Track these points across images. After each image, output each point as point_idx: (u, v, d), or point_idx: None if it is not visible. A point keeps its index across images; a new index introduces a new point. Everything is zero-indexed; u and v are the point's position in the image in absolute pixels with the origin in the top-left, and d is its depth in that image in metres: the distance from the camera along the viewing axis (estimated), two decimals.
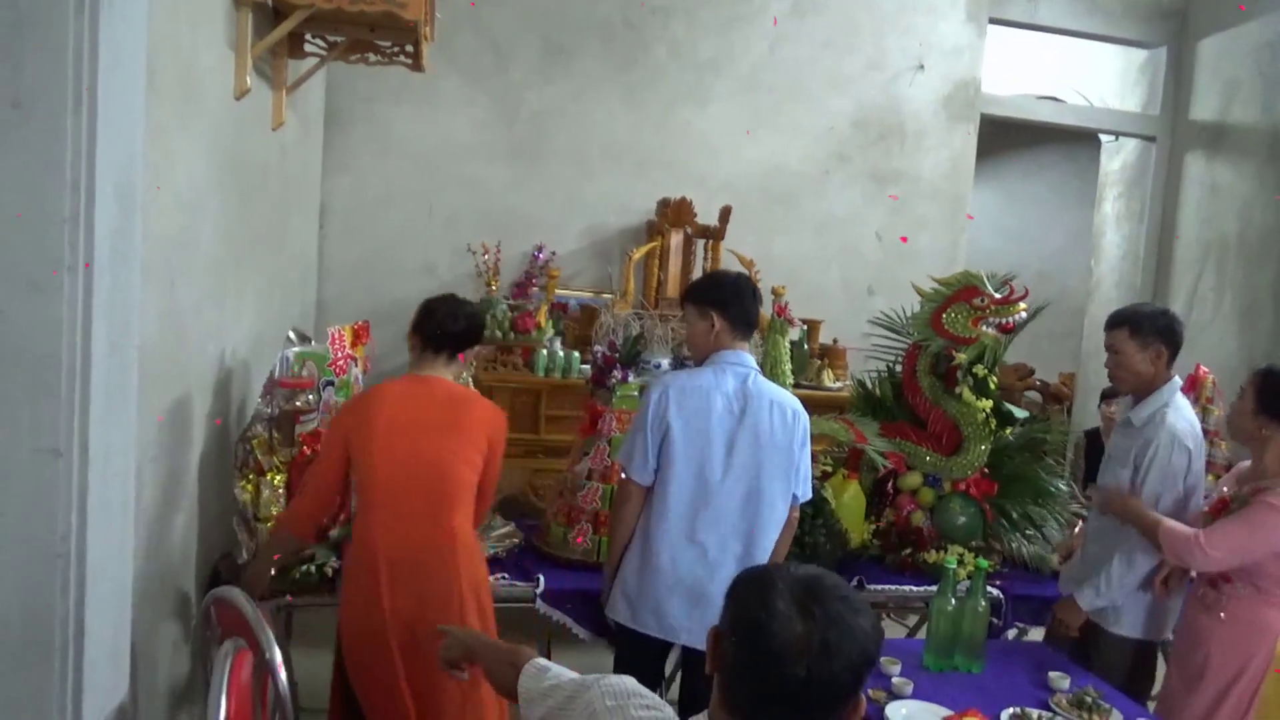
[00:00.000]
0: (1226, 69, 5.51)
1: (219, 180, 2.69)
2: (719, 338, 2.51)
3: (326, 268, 4.76)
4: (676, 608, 2.46)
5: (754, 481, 2.47)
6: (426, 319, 2.47)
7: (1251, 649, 2.40)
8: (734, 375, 2.49)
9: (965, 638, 2.42)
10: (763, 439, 2.46)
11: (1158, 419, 2.63)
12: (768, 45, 5.19)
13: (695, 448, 2.44)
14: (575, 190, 4.98)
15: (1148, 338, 2.67)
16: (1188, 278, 5.69)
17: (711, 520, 2.46)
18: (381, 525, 2.32)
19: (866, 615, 1.18)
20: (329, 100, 4.68)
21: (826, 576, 1.21)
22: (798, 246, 5.23)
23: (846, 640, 1.13)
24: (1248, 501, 2.38)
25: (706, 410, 2.44)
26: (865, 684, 1.18)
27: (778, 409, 2.48)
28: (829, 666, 1.12)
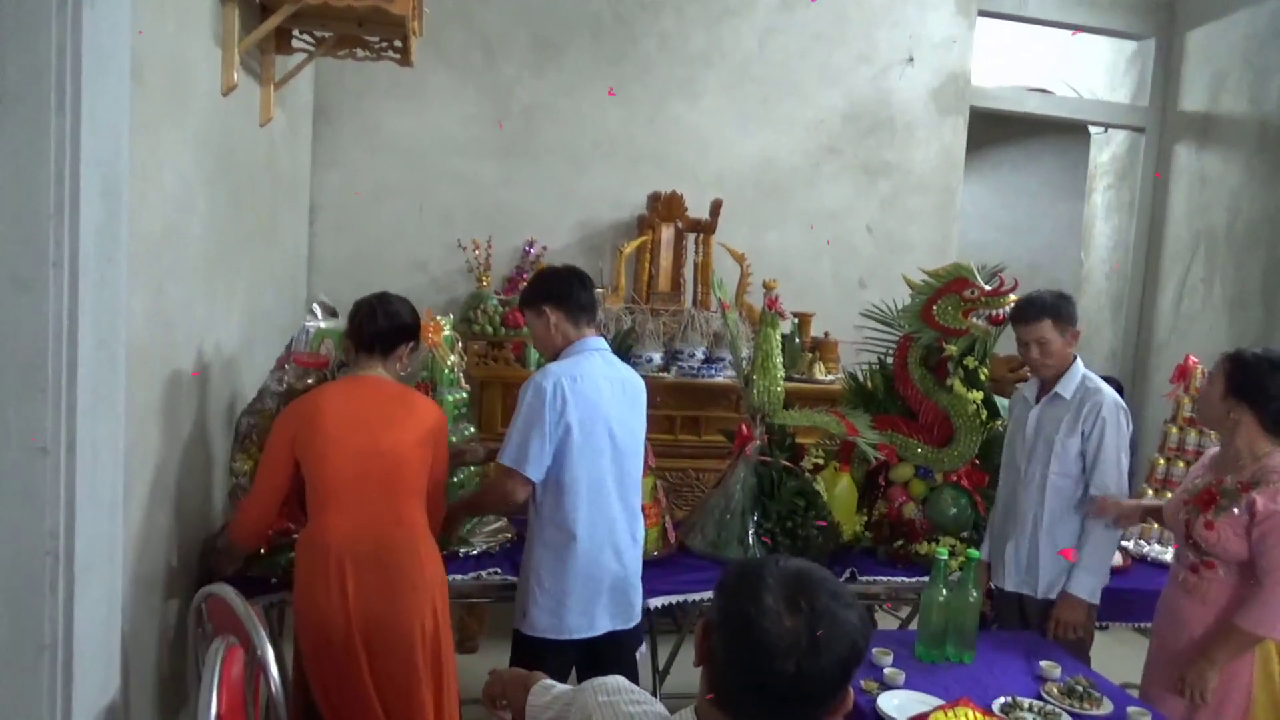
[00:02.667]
0: (1215, 60, 5.53)
1: (207, 177, 2.68)
2: (561, 330, 2.53)
3: (317, 264, 4.75)
4: (602, 602, 2.48)
5: (635, 461, 2.57)
6: (351, 320, 2.51)
7: None
8: (606, 360, 2.54)
9: (957, 628, 2.43)
10: (634, 420, 2.56)
11: (1089, 386, 2.85)
12: (758, 39, 5.19)
13: (594, 436, 2.45)
14: (566, 185, 4.97)
15: (1065, 324, 2.86)
16: (1177, 268, 5.72)
17: (620, 506, 2.51)
18: (339, 523, 2.28)
19: (855, 609, 1.18)
20: (317, 96, 4.67)
21: (815, 570, 1.21)
22: (789, 240, 5.23)
23: (835, 635, 1.14)
24: (1237, 495, 2.37)
25: (600, 399, 2.46)
26: (854, 677, 1.19)
27: (631, 387, 2.57)
28: (818, 661, 1.13)
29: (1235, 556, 2.37)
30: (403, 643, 2.22)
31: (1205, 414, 2.60)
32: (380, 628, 2.22)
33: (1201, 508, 2.42)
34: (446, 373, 3.06)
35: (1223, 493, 2.40)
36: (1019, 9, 5.64)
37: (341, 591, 2.23)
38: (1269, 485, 2.33)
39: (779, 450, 3.24)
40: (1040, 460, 2.87)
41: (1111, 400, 2.83)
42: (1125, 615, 3.30)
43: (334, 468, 2.31)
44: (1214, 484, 2.45)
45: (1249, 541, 2.34)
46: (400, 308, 2.53)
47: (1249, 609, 2.32)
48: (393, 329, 2.48)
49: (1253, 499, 2.33)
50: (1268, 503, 2.31)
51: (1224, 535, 2.36)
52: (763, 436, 3.19)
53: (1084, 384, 2.87)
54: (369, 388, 2.43)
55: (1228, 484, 2.41)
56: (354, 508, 2.30)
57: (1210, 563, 2.42)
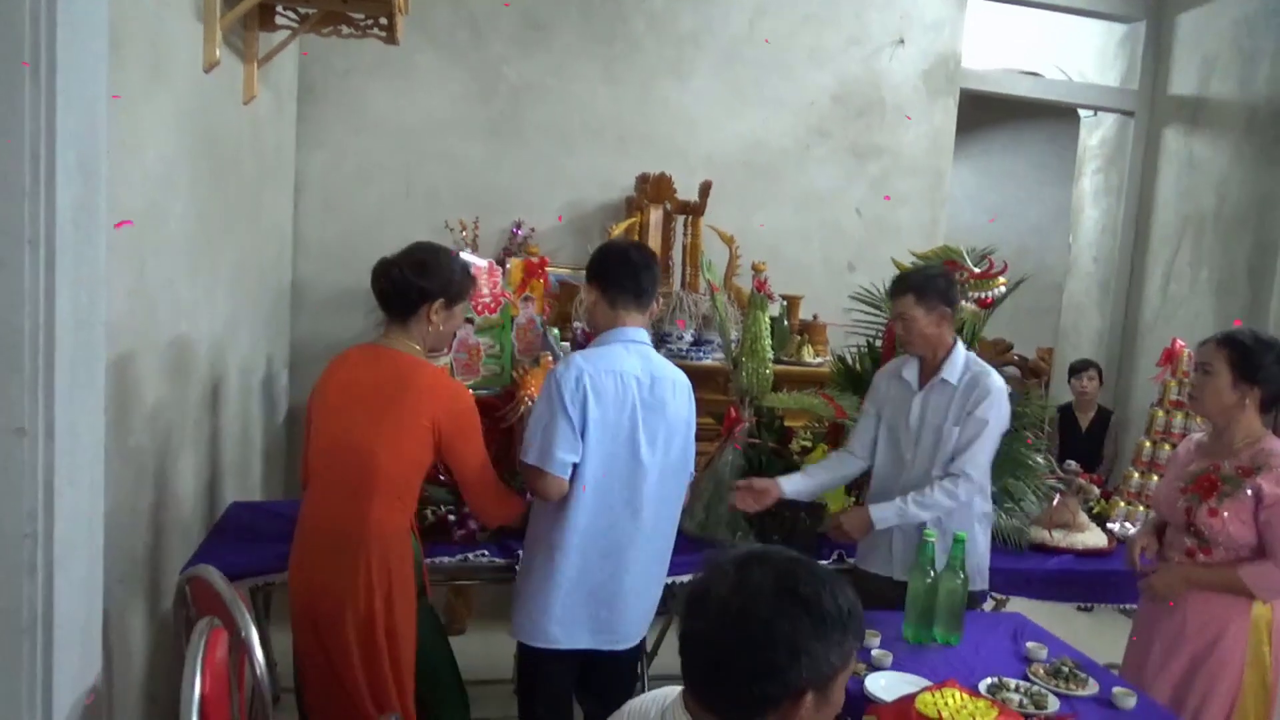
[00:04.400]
0: (1204, 44, 5.53)
1: (189, 155, 2.65)
2: (599, 311, 2.36)
3: (302, 245, 4.70)
4: (581, 616, 2.33)
5: (666, 465, 2.36)
6: (371, 279, 2.27)
7: (1227, 615, 2.42)
8: (638, 353, 2.33)
9: (944, 610, 2.43)
10: (671, 420, 2.35)
11: (976, 370, 2.75)
12: (748, 19, 5.15)
13: (612, 436, 2.27)
14: (554, 166, 4.93)
15: (931, 302, 2.72)
16: (1165, 252, 5.73)
17: (631, 521, 2.32)
18: (309, 502, 2.24)
19: (807, 604, 1.14)
20: (302, 74, 4.61)
21: (779, 556, 1.21)
22: (778, 222, 5.21)
23: (753, 611, 1.13)
24: (1240, 481, 2.38)
25: (623, 393, 2.27)
26: (791, 676, 1.13)
27: (680, 388, 2.39)
28: (727, 631, 1.13)
29: (1239, 541, 2.38)
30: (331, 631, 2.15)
31: (1213, 404, 2.48)
32: (315, 612, 2.17)
33: (1203, 495, 2.42)
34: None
35: (1224, 479, 2.40)
36: None
37: (296, 568, 2.22)
38: (1272, 470, 2.35)
39: (767, 433, 3.24)
40: (927, 450, 2.75)
41: (1000, 384, 2.74)
42: (1110, 596, 3.33)
43: (314, 450, 2.24)
44: (1212, 470, 2.44)
45: (1255, 526, 2.36)
46: (422, 259, 2.23)
47: (1258, 567, 2.36)
48: (401, 288, 2.20)
49: (1258, 484, 2.34)
50: (1273, 487, 2.33)
51: (1229, 522, 2.37)
52: (751, 419, 3.18)
53: (969, 368, 2.76)
54: (373, 363, 2.21)
55: (1226, 470, 2.42)
56: (321, 491, 2.21)
57: (1208, 548, 2.43)
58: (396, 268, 2.23)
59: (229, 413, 3.31)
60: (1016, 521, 3.31)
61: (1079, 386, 5.22)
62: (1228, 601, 2.42)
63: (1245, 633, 2.41)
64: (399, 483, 2.17)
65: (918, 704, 1.89)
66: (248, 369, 3.65)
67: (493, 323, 2.95)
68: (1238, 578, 2.38)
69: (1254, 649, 2.42)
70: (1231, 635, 2.41)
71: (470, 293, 2.38)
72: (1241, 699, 2.43)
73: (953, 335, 2.80)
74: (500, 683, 3.40)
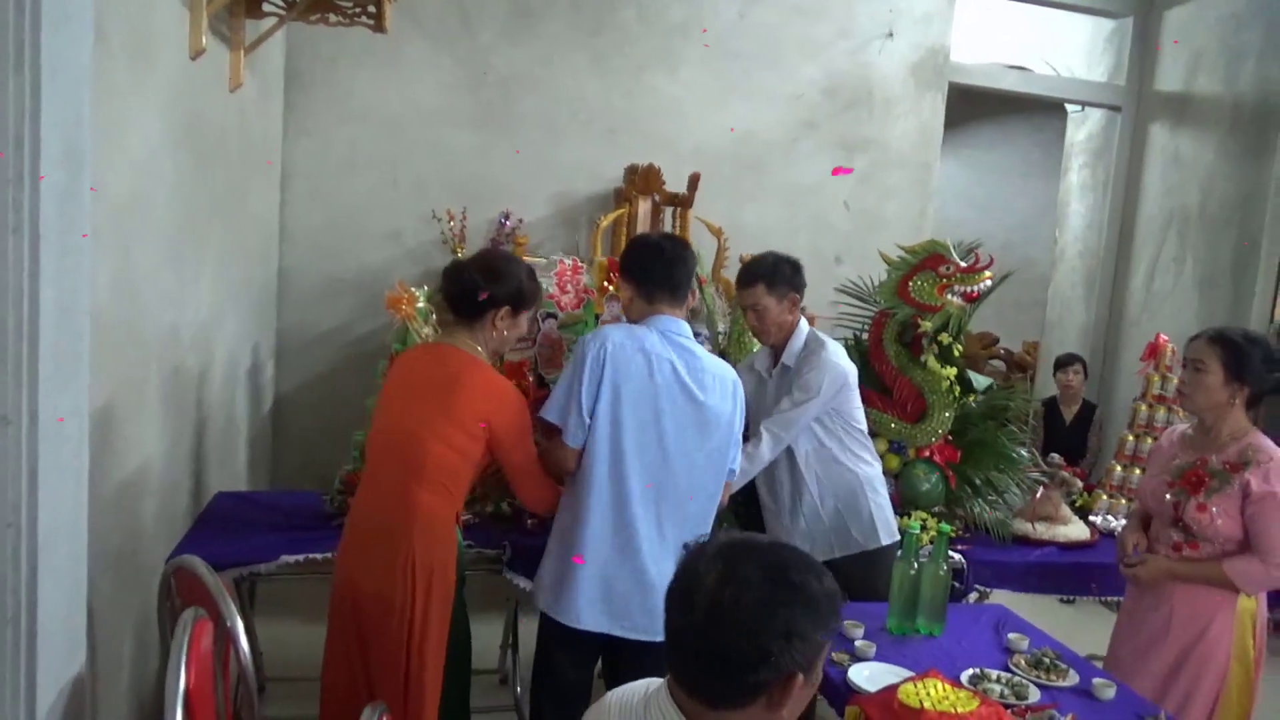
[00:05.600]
0: (1191, 40, 5.55)
1: (174, 143, 2.63)
2: (636, 307, 2.35)
3: (289, 234, 4.68)
4: (596, 595, 2.28)
5: (699, 458, 2.30)
6: (441, 279, 2.34)
7: (1214, 607, 2.44)
8: (671, 342, 2.30)
9: (927, 601, 2.45)
10: (707, 411, 2.29)
11: (812, 345, 2.80)
12: (737, 10, 5.14)
13: (632, 414, 2.24)
14: (543, 156, 4.92)
15: (782, 289, 2.76)
16: (1150, 247, 5.77)
17: (645, 513, 2.27)
18: (361, 490, 2.29)
19: (794, 589, 1.16)
20: (289, 62, 4.58)
21: (763, 543, 1.22)
22: (766, 215, 5.22)
23: (745, 602, 1.14)
24: (1228, 477, 2.40)
25: (641, 377, 2.24)
26: (786, 658, 1.15)
27: (719, 380, 2.33)
28: (721, 623, 1.14)
29: (1226, 536, 2.41)
30: (374, 618, 2.18)
31: (1205, 401, 2.48)
32: (357, 601, 2.19)
33: (1191, 490, 2.44)
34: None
35: (1212, 474, 2.42)
36: None
37: (342, 556, 2.25)
38: (1259, 465, 2.37)
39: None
40: None
41: (830, 352, 2.76)
42: (1092, 589, 3.36)
43: (372, 438, 2.31)
44: (1199, 465, 2.46)
45: (1241, 521, 2.39)
46: (493, 266, 2.30)
47: (1242, 562, 2.39)
48: (464, 292, 2.26)
49: (1246, 479, 2.37)
50: (1260, 483, 2.35)
51: (1217, 516, 2.39)
52: None
53: (806, 345, 2.81)
54: (433, 358, 2.28)
55: (1214, 464, 2.44)
56: (372, 479, 2.26)
57: (1195, 543, 2.45)
58: (467, 272, 2.28)
59: (214, 402, 3.30)
60: (1000, 514, 3.34)
61: (1064, 380, 5.26)
62: (1213, 595, 2.44)
63: (1231, 625, 2.44)
64: (447, 473, 2.20)
65: (900, 694, 1.91)
66: (233, 358, 3.64)
67: (576, 318, 3.03)
68: (1222, 571, 2.40)
69: (1239, 641, 2.45)
70: (1217, 628, 2.44)
71: (537, 302, 2.43)
72: (1226, 690, 2.46)
73: (798, 319, 2.85)
74: (487, 673, 3.41)
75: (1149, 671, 2.51)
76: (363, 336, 4.66)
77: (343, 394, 4.24)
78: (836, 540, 2.84)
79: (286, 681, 3.17)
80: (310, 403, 4.64)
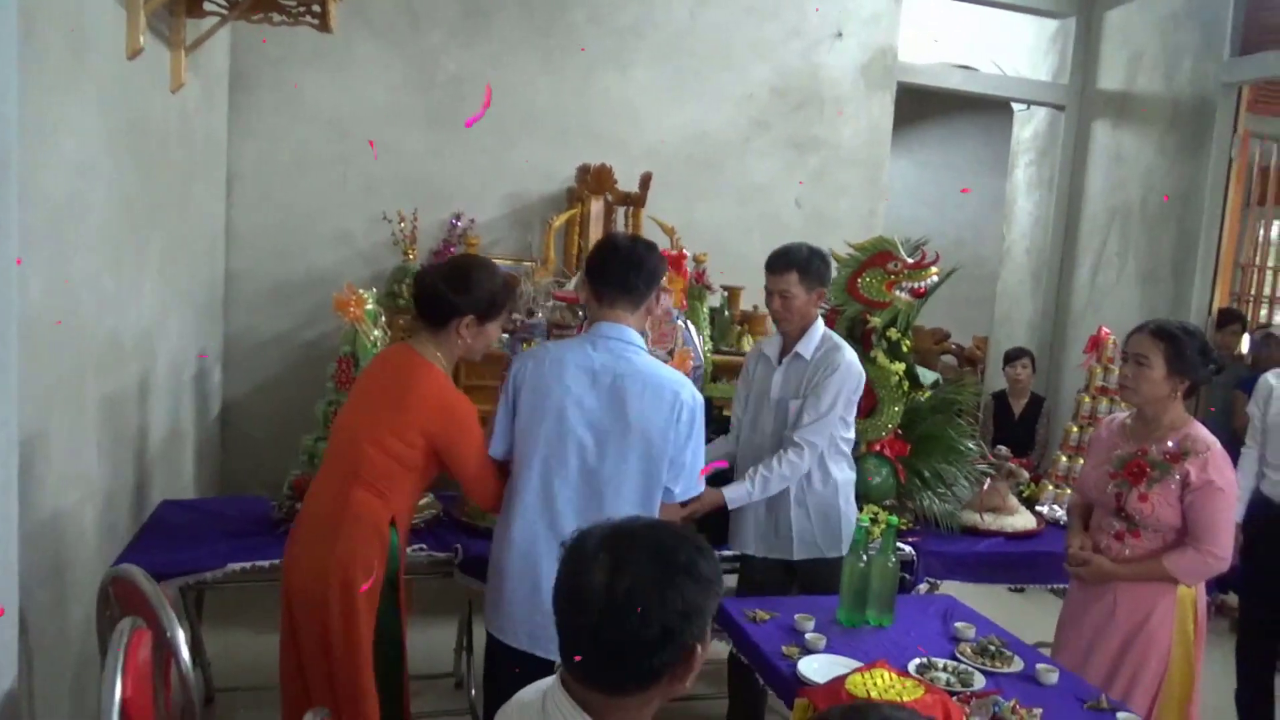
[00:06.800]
0: (1132, 39, 5.69)
1: (111, 145, 2.58)
2: (592, 309, 2.32)
3: (236, 236, 4.60)
4: (521, 615, 2.24)
5: (607, 467, 2.21)
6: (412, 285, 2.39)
7: (1156, 595, 2.50)
8: (605, 349, 2.23)
9: (877, 593, 2.48)
10: (630, 422, 2.19)
11: (830, 345, 2.85)
12: (689, 11, 5.16)
13: (550, 427, 2.20)
14: (494, 157, 4.90)
15: (813, 281, 2.83)
16: (1094, 242, 5.89)
17: (562, 510, 2.22)
18: (309, 489, 2.32)
19: (685, 572, 1.17)
20: (234, 62, 4.51)
21: (646, 529, 1.23)
22: (719, 214, 5.24)
23: (639, 592, 1.14)
24: (1168, 467, 2.46)
25: (558, 386, 2.21)
26: (688, 636, 1.17)
27: (653, 391, 2.20)
28: (620, 617, 1.14)
29: (1168, 524, 2.47)
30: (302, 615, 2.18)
31: (1147, 394, 2.52)
32: (290, 595, 2.20)
33: (1133, 481, 2.50)
34: (370, 346, 3.00)
35: (1152, 465, 2.48)
36: None
37: (285, 556, 2.25)
38: (1198, 455, 2.44)
39: (707, 423, 3.26)
40: (780, 423, 2.84)
41: (850, 358, 2.82)
42: (1040, 577, 3.43)
43: (330, 437, 2.35)
44: (1139, 456, 2.52)
45: (1181, 508, 2.45)
46: (459, 274, 2.25)
47: (1180, 555, 2.45)
48: (427, 300, 2.24)
49: (1185, 470, 2.43)
50: (1199, 473, 2.42)
51: (1158, 506, 2.45)
52: None
53: (824, 343, 2.85)
54: (392, 363, 2.27)
55: (1154, 455, 2.50)
56: (317, 482, 2.28)
57: (1136, 531, 2.51)
58: (432, 279, 2.27)
59: (159, 409, 3.24)
60: (949, 506, 3.39)
61: (1012, 374, 5.35)
62: (1155, 583, 2.51)
63: (1172, 612, 2.50)
64: (382, 476, 2.18)
65: (848, 685, 1.93)
66: (178, 363, 3.57)
67: None
68: (1163, 568, 2.47)
69: (1180, 627, 2.51)
70: (1159, 615, 2.50)
71: (508, 311, 2.37)
72: (1169, 674, 2.52)
73: (818, 313, 2.91)
74: (441, 677, 3.39)
75: (1095, 658, 2.56)
76: (313, 340, 4.60)
77: (293, 398, 4.19)
78: (800, 543, 2.87)
79: (236, 691, 3.13)
80: (260, 408, 4.57)
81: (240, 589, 2.79)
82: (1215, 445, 2.48)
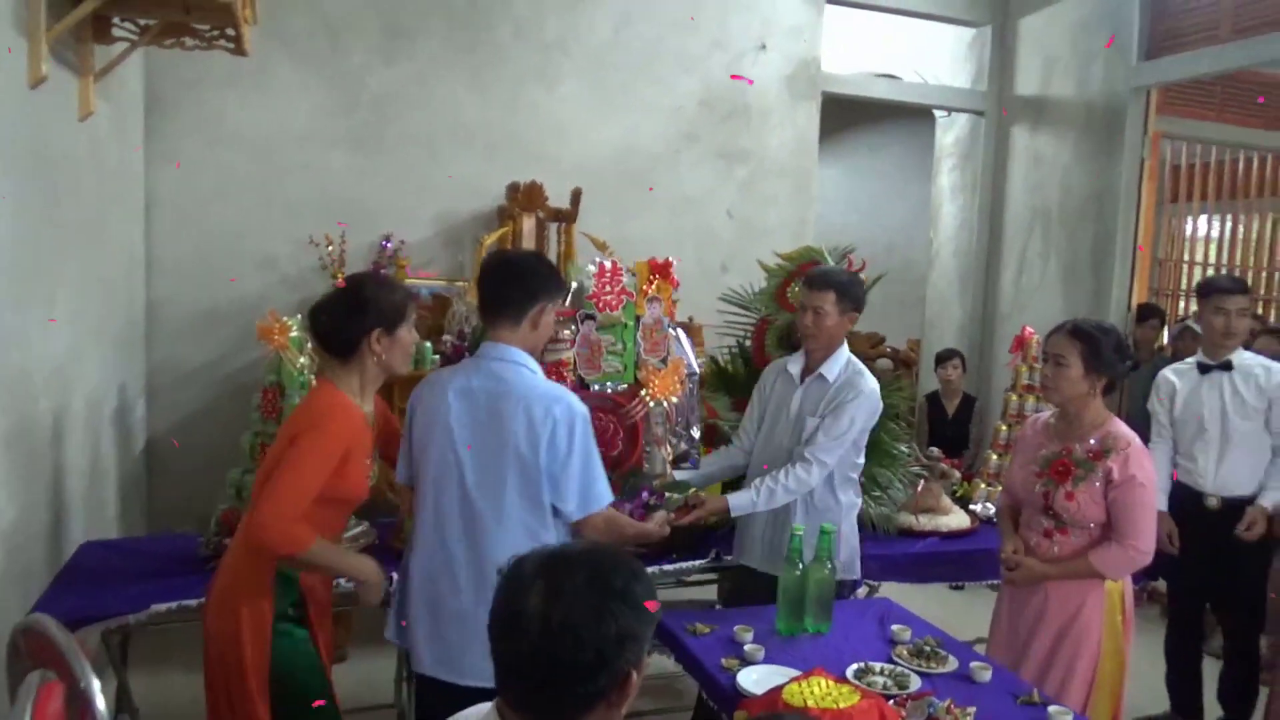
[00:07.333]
0: (1046, 46, 5.86)
1: (15, 175, 2.49)
2: (483, 327, 2.35)
3: (156, 264, 4.47)
4: (423, 634, 2.23)
5: (486, 488, 2.17)
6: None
7: (1085, 589, 2.57)
8: (484, 371, 2.21)
9: (814, 600, 2.50)
10: (505, 441, 2.15)
11: (854, 370, 2.88)
12: (613, 25, 5.18)
13: (436, 451, 2.20)
14: (423, 176, 4.84)
15: (848, 304, 2.86)
16: (1017, 244, 6.05)
17: (463, 545, 2.19)
18: None
19: (619, 597, 1.16)
20: (150, 87, 4.39)
21: (583, 554, 1.22)
22: (652, 226, 5.25)
23: (576, 616, 1.14)
24: (1092, 465, 2.52)
25: (442, 408, 2.19)
26: (625, 661, 1.17)
27: (524, 409, 2.14)
28: (554, 642, 1.13)
29: (1094, 521, 2.54)
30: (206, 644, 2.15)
31: (1066, 392, 2.59)
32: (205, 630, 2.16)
33: (1059, 479, 2.56)
34: (296, 375, 2.94)
35: (1077, 463, 2.54)
36: None
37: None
38: (1119, 452, 2.51)
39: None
40: (796, 440, 2.86)
41: (872, 387, 2.85)
42: (975, 575, 3.49)
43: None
44: (1064, 455, 2.58)
45: (1105, 505, 2.52)
46: (348, 298, 2.16)
47: (1105, 552, 2.52)
48: (329, 330, 2.15)
49: (1108, 467, 2.50)
50: (1121, 469, 2.49)
51: (1083, 503, 2.52)
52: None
53: (849, 367, 2.88)
54: (308, 394, 2.23)
55: (1078, 453, 2.56)
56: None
57: (1065, 529, 2.57)
58: (325, 310, 2.18)
59: (76, 446, 3.12)
60: (885, 508, 3.43)
61: (944, 375, 5.46)
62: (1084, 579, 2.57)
63: (1101, 604, 2.57)
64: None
65: (784, 695, 1.94)
66: (96, 399, 3.45)
67: (615, 320, 3.01)
68: (1090, 565, 2.53)
69: (1109, 618, 2.58)
70: (1089, 608, 2.57)
71: (410, 312, 2.24)
72: (1101, 665, 2.58)
73: (843, 339, 2.92)
74: (381, 708, 3.32)
75: (1030, 654, 2.62)
76: (240, 369, 4.49)
77: (221, 430, 4.07)
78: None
79: None
80: (187, 441, 4.44)
81: (171, 630, 2.70)
82: (1135, 441, 2.56)
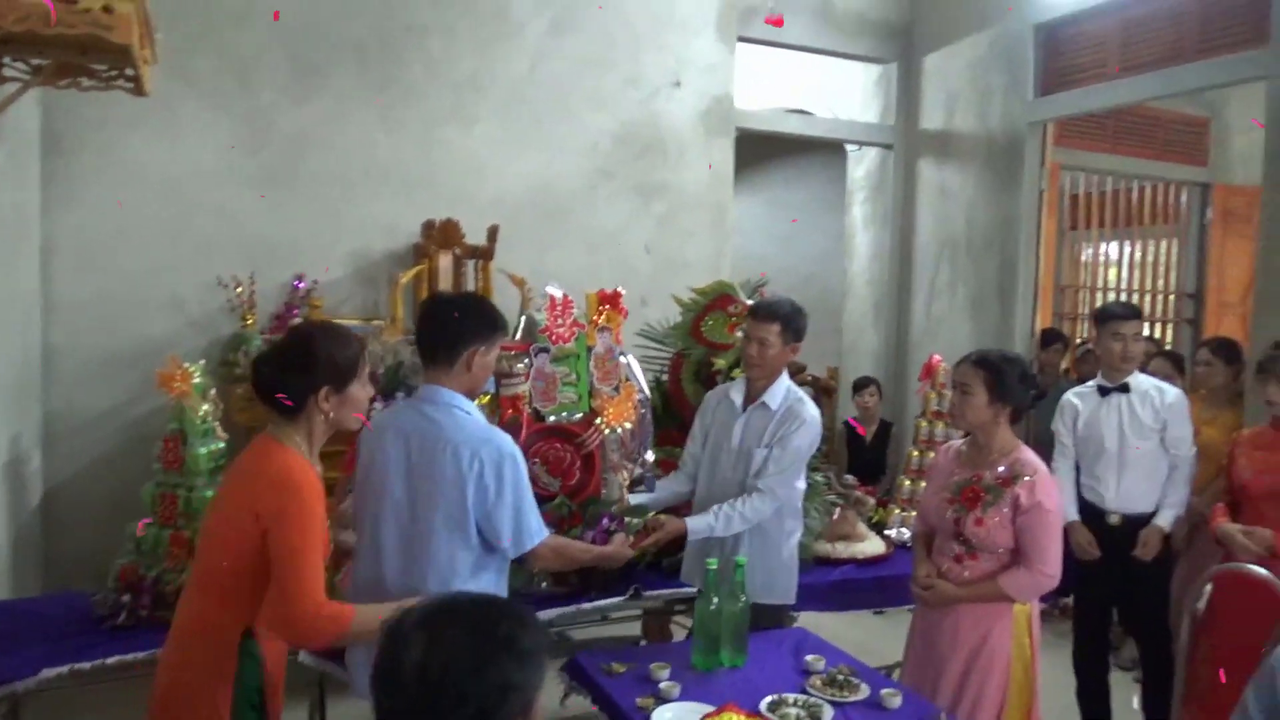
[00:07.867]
0: (947, 82, 6.10)
1: None
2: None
3: (55, 308, 4.30)
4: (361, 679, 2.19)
5: (418, 529, 2.19)
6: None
7: (994, 614, 2.65)
8: (419, 413, 2.24)
9: (729, 633, 2.50)
10: (435, 483, 2.17)
11: (794, 398, 2.99)
12: (528, 62, 5.22)
13: (374, 490, 2.24)
14: (335, 215, 4.78)
15: (790, 336, 2.98)
16: (926, 273, 6.23)
17: (388, 572, 2.21)
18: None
19: (505, 647, 1.15)
20: (47, 127, 4.25)
21: (469, 604, 1.21)
22: (569, 262, 5.25)
23: (456, 668, 1.12)
24: (1001, 491, 2.60)
25: (379, 449, 2.25)
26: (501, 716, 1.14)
27: (452, 451, 2.15)
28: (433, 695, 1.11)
29: (1004, 545, 2.62)
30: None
31: (972, 420, 2.68)
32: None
33: (969, 505, 2.64)
34: (199, 423, 2.86)
35: (986, 489, 2.62)
36: (775, 35, 5.98)
37: None
38: (1026, 479, 2.59)
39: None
40: (743, 469, 2.97)
41: (813, 414, 2.98)
42: (893, 600, 3.56)
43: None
44: (975, 481, 2.66)
45: (1014, 530, 2.60)
46: (294, 354, 1.99)
47: (1013, 575, 2.60)
48: (274, 387, 1.98)
49: (1016, 493, 2.58)
50: (1028, 496, 2.57)
51: (992, 529, 2.59)
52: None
53: (789, 395, 2.99)
54: (244, 454, 2.03)
55: (988, 480, 2.64)
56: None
57: (975, 554, 2.64)
58: (267, 365, 2.02)
59: None
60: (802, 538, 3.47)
61: (861, 402, 5.58)
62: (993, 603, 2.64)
63: (1009, 628, 2.64)
64: (223, 579, 1.94)
65: None
66: None
67: (568, 352, 3.07)
68: (999, 588, 2.61)
69: (1017, 641, 2.66)
70: (998, 632, 2.64)
71: (363, 365, 2.07)
72: (1010, 687, 2.65)
73: (783, 369, 3.03)
74: None
75: (943, 677, 2.67)
76: (145, 416, 4.33)
77: (123, 481, 3.90)
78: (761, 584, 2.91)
79: None
80: (87, 493, 4.25)
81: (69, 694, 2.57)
82: (1042, 469, 2.65)
